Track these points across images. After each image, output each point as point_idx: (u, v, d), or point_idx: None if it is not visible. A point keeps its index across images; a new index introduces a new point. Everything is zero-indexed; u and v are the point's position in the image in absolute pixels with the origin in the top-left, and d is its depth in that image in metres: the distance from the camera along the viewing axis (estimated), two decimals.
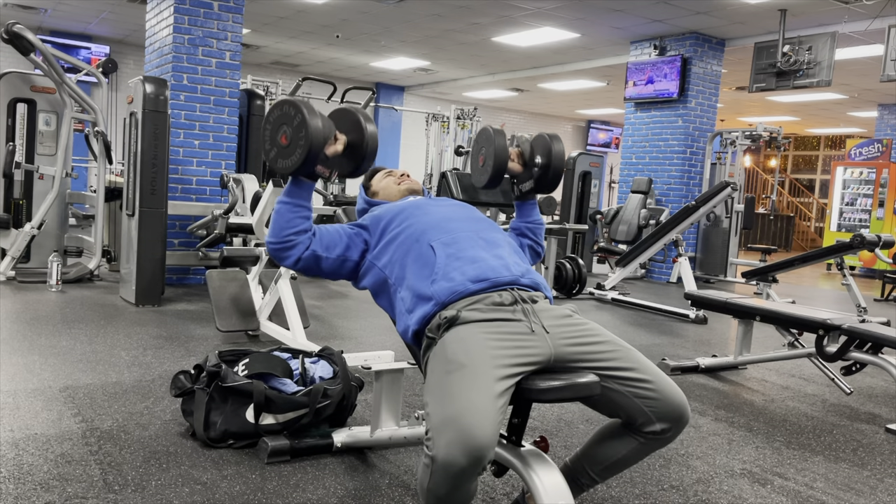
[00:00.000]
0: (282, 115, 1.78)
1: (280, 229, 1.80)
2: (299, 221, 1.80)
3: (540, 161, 2.09)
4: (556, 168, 2.08)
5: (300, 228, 1.80)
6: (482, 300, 1.63)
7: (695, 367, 3.81)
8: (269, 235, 1.83)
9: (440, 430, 1.37)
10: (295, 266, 1.83)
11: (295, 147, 1.74)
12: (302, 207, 1.81)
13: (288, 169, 1.77)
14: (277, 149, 1.79)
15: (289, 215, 1.80)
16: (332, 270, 1.87)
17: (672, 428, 1.58)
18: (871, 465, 2.58)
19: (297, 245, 1.81)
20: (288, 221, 1.80)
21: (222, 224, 4.78)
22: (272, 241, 1.81)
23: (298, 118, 1.72)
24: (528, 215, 2.17)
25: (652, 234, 6.53)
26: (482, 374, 1.44)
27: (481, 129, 2.13)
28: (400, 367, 2.32)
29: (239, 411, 2.35)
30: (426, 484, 1.42)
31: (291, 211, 1.80)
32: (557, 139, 2.11)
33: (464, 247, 1.74)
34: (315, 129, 1.70)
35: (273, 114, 1.80)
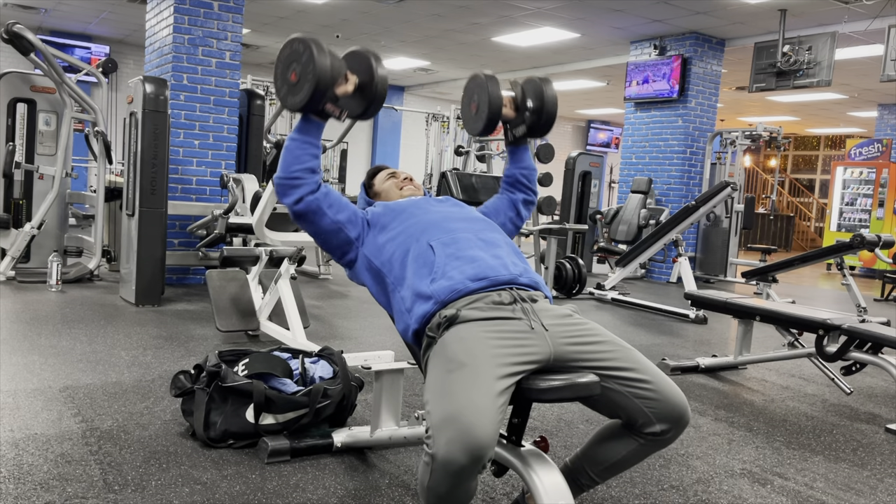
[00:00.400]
0: (292, 52, 1.78)
1: (288, 164, 1.81)
2: (308, 158, 1.82)
3: (532, 105, 2.08)
4: (548, 112, 2.06)
5: (308, 166, 1.81)
6: (482, 299, 1.63)
7: (695, 367, 3.82)
8: (277, 172, 1.84)
9: (440, 428, 1.37)
10: (295, 206, 1.82)
11: (303, 83, 1.75)
12: (311, 145, 1.83)
13: (297, 105, 1.78)
14: (287, 86, 1.80)
15: (297, 151, 1.81)
16: (326, 231, 1.86)
17: (672, 429, 1.58)
18: (871, 465, 2.58)
19: (303, 184, 1.81)
20: (296, 158, 1.81)
21: (222, 224, 4.78)
22: (280, 175, 1.82)
23: (307, 54, 1.73)
24: (520, 160, 2.16)
25: (652, 234, 6.53)
26: (482, 373, 1.44)
27: (472, 76, 2.09)
28: (400, 367, 2.32)
29: (239, 411, 2.35)
30: (426, 482, 1.42)
31: (300, 147, 1.81)
32: (548, 82, 2.10)
33: (463, 246, 1.75)
34: (322, 66, 1.71)
35: (284, 52, 1.81)
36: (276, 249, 3.98)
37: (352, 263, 1.92)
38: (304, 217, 1.84)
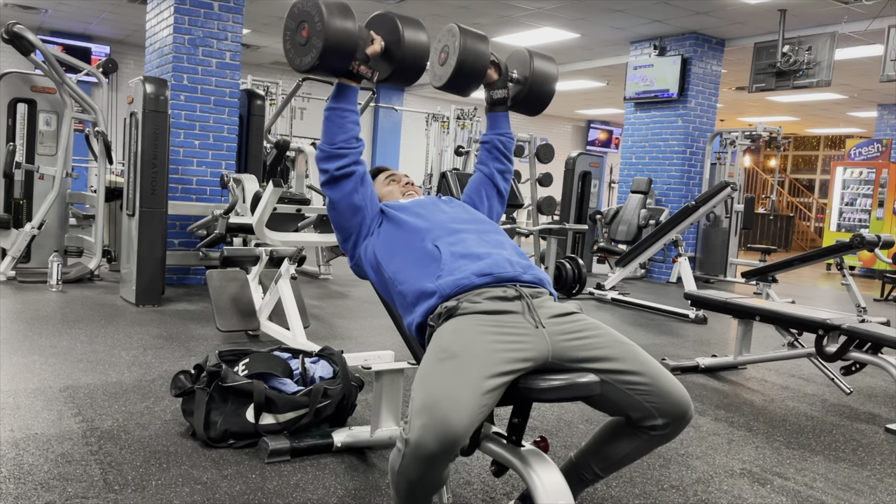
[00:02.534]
0: (302, 11, 1.78)
1: (333, 134, 1.83)
2: (350, 126, 1.84)
3: (515, 75, 2.05)
4: (534, 84, 2.04)
5: (352, 134, 1.84)
6: (484, 293, 1.64)
7: (695, 367, 3.82)
8: (321, 141, 1.85)
9: (417, 413, 1.39)
10: (337, 171, 1.83)
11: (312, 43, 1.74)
12: (351, 112, 1.85)
13: (306, 64, 1.77)
14: (294, 47, 1.80)
15: (339, 120, 1.83)
16: (349, 207, 1.87)
17: (674, 423, 1.58)
18: (871, 465, 2.58)
19: (349, 153, 1.84)
20: (340, 127, 1.83)
21: (222, 224, 4.78)
22: (324, 146, 1.84)
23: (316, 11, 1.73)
24: (497, 126, 2.14)
25: (652, 234, 6.53)
26: (471, 369, 1.45)
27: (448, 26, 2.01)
28: (400, 367, 2.32)
29: (239, 411, 2.35)
30: (397, 467, 1.45)
31: (341, 116, 1.83)
32: (540, 55, 2.06)
33: (468, 245, 1.76)
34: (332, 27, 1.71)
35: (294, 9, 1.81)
36: (277, 249, 3.98)
37: (355, 250, 1.92)
38: (337, 185, 1.85)
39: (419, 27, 1.87)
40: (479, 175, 2.16)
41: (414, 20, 1.88)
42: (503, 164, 2.15)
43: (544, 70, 2.06)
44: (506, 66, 2.07)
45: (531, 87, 2.05)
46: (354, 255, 1.93)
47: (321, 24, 1.71)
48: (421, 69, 1.89)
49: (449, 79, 1.97)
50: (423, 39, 1.86)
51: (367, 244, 1.89)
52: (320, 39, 1.72)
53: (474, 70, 1.97)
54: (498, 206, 2.15)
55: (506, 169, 2.16)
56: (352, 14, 1.76)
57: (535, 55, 2.06)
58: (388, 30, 1.85)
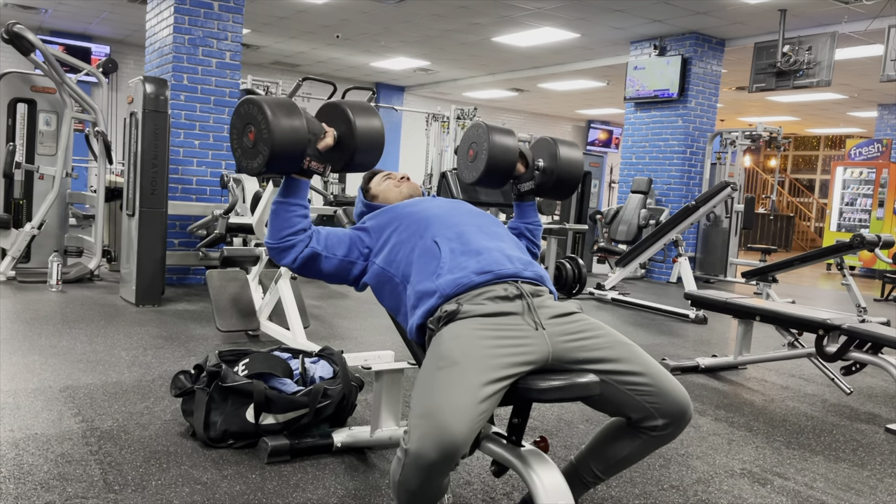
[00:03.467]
0: (247, 114, 1.73)
1: (277, 230, 1.79)
2: (297, 220, 1.80)
3: (542, 164, 2.07)
4: (562, 173, 2.05)
5: (298, 228, 1.80)
6: (485, 293, 1.63)
7: (695, 367, 3.82)
8: (267, 236, 1.83)
9: (416, 422, 1.39)
10: (293, 265, 1.82)
11: (258, 148, 1.69)
12: (298, 206, 1.80)
13: (254, 170, 1.73)
14: (242, 149, 1.76)
15: (285, 215, 1.79)
16: (333, 272, 1.86)
17: (674, 424, 1.58)
18: (871, 465, 2.58)
19: (295, 245, 1.80)
20: (284, 221, 1.79)
21: (222, 224, 4.78)
22: (270, 241, 1.81)
23: (261, 117, 1.67)
24: (525, 216, 2.16)
25: (652, 234, 6.53)
26: (470, 376, 1.44)
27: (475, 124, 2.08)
28: (400, 367, 2.32)
29: (239, 411, 2.35)
30: (397, 477, 1.44)
31: (287, 210, 1.79)
32: (566, 143, 2.08)
33: (467, 241, 1.75)
34: (277, 132, 1.65)
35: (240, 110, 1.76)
36: None
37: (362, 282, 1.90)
38: (307, 269, 1.83)
39: (372, 114, 1.84)
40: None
41: (365, 107, 1.85)
42: (532, 248, 2.17)
43: (569, 158, 2.07)
44: (532, 159, 2.09)
45: (558, 177, 2.06)
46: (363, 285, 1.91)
47: (267, 130, 1.66)
48: (378, 155, 1.85)
49: (480, 176, 2.02)
50: (377, 125, 1.83)
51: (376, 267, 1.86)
52: (267, 146, 1.66)
53: (504, 167, 2.02)
54: None
55: (534, 253, 2.17)
56: (298, 112, 1.70)
57: (560, 143, 2.08)
58: (339, 120, 1.82)
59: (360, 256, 1.87)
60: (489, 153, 1.98)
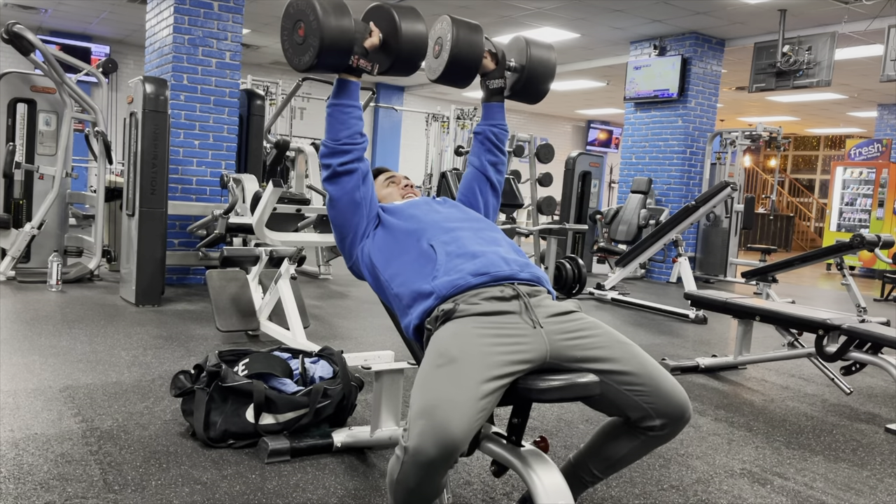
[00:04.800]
0: (297, 11, 1.78)
1: (336, 131, 1.82)
2: (353, 122, 1.83)
3: (513, 63, 2.04)
4: (533, 71, 2.02)
5: (356, 130, 1.83)
6: (481, 294, 1.63)
7: (695, 367, 3.82)
8: (325, 138, 1.84)
9: (415, 420, 1.39)
10: (340, 167, 1.83)
11: (308, 42, 1.74)
12: (353, 107, 1.84)
13: (305, 63, 1.77)
14: (292, 46, 1.80)
15: (341, 116, 1.82)
16: (350, 204, 1.86)
17: (672, 424, 1.58)
18: (871, 465, 2.58)
19: (353, 149, 1.83)
20: (342, 122, 1.82)
21: (222, 224, 4.78)
22: (327, 143, 1.83)
23: (310, 11, 1.72)
24: (492, 116, 2.11)
25: (652, 234, 6.53)
26: (469, 373, 1.44)
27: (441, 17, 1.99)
28: (400, 367, 2.32)
29: (239, 411, 2.35)
30: (395, 475, 1.44)
31: (343, 112, 1.82)
32: (538, 43, 2.04)
33: (463, 244, 1.75)
34: (327, 25, 1.70)
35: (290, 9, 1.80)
36: (276, 249, 3.98)
37: (353, 250, 1.91)
38: (339, 181, 1.84)
39: (416, 17, 1.86)
40: (471, 170, 2.14)
41: (411, 9, 1.87)
42: (496, 156, 2.12)
43: (542, 57, 2.04)
44: (503, 55, 2.05)
45: (529, 76, 2.04)
46: (352, 254, 1.92)
47: (316, 22, 1.71)
48: (420, 59, 1.89)
49: (443, 71, 1.96)
50: (421, 29, 1.85)
51: (364, 246, 1.88)
52: (317, 38, 1.71)
53: (469, 60, 1.95)
54: (493, 200, 2.12)
55: (498, 161, 2.12)
56: (347, 9, 1.76)
57: (533, 43, 2.05)
58: (385, 21, 1.85)
59: (370, 223, 1.89)
60: (453, 45, 1.92)
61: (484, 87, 2.09)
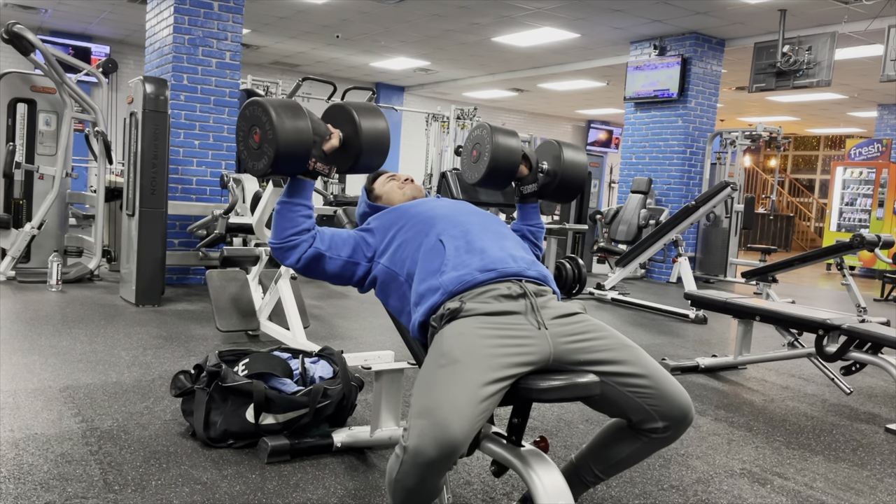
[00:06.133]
0: (252, 116, 1.75)
1: (281, 230, 1.80)
2: (301, 220, 1.80)
3: (545, 167, 2.07)
4: (565, 176, 2.05)
5: (301, 228, 1.80)
6: (489, 291, 1.63)
7: (695, 367, 3.82)
8: (271, 236, 1.83)
9: (416, 419, 1.39)
10: (297, 265, 1.82)
11: (263, 150, 1.71)
12: (302, 206, 1.80)
13: (259, 171, 1.74)
14: (248, 150, 1.77)
15: (289, 215, 1.79)
16: (336, 273, 1.85)
17: (674, 427, 1.58)
18: (871, 465, 2.58)
19: (298, 245, 1.80)
20: (288, 221, 1.79)
21: (222, 224, 4.78)
22: (274, 241, 1.81)
23: (266, 119, 1.69)
24: (528, 218, 2.17)
25: (652, 234, 6.53)
26: (471, 375, 1.44)
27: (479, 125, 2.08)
28: (400, 367, 2.32)
29: (239, 411, 2.35)
30: (394, 474, 1.44)
31: (291, 210, 1.79)
32: (570, 146, 2.08)
33: (472, 239, 1.75)
34: (282, 134, 1.66)
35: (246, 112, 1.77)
36: None
37: (368, 282, 1.90)
38: (311, 270, 1.83)
39: (377, 115, 1.85)
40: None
41: (371, 108, 1.86)
42: (534, 251, 2.17)
43: (574, 161, 2.07)
44: (536, 161, 2.09)
45: (562, 180, 2.07)
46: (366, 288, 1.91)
47: (272, 131, 1.67)
48: (383, 156, 1.86)
49: (483, 177, 2.02)
50: (382, 127, 1.84)
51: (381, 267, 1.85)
52: (272, 147, 1.68)
53: (507, 168, 2.02)
54: None
55: (537, 255, 2.17)
56: (303, 114, 1.72)
57: (565, 146, 2.08)
58: (345, 121, 1.83)
59: (364, 258, 1.86)
60: (492, 154, 1.98)
61: (517, 192, 2.13)
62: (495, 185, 2.08)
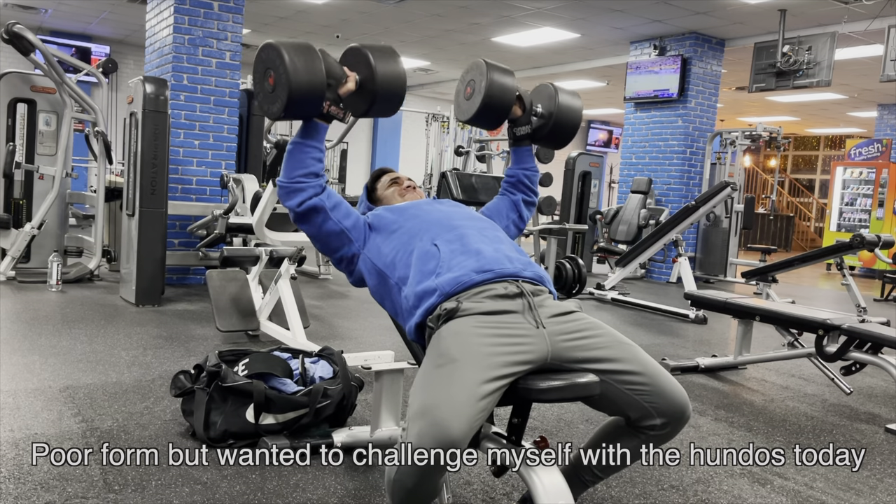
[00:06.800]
0: (267, 59, 1.73)
1: (291, 169, 1.79)
2: (311, 162, 1.80)
3: (539, 109, 2.05)
4: (559, 119, 2.03)
5: (311, 170, 1.80)
6: (485, 292, 1.63)
7: (695, 367, 3.82)
8: (280, 176, 1.82)
9: (414, 419, 1.39)
10: (297, 209, 1.80)
11: (277, 93, 1.70)
12: (314, 148, 1.80)
13: (274, 114, 1.74)
14: (263, 94, 1.76)
15: (300, 156, 1.79)
16: (328, 236, 1.85)
17: (672, 423, 1.58)
18: (871, 465, 2.58)
19: (304, 189, 1.79)
20: (298, 161, 1.79)
21: (222, 224, 4.78)
22: (282, 180, 1.81)
23: (279, 62, 1.67)
24: (522, 162, 2.16)
25: (652, 234, 6.53)
26: (469, 373, 1.44)
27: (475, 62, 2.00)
28: (400, 367, 2.32)
29: (239, 411, 2.35)
30: (393, 474, 1.44)
31: (302, 151, 1.79)
32: (566, 91, 2.05)
33: (467, 242, 1.75)
34: (295, 77, 1.65)
35: (261, 55, 1.76)
36: (276, 249, 3.98)
37: (351, 267, 1.91)
38: (306, 219, 1.82)
39: (393, 57, 1.83)
40: (506, 199, 2.17)
41: (387, 50, 1.84)
42: (529, 196, 2.18)
43: (569, 105, 2.05)
44: (531, 102, 2.07)
45: (555, 123, 2.05)
46: (353, 271, 1.92)
47: (285, 74, 1.66)
48: (399, 101, 1.86)
49: (475, 114, 1.98)
50: (399, 70, 1.83)
51: (363, 257, 1.87)
52: (285, 90, 1.67)
53: (500, 106, 1.98)
54: (514, 230, 2.17)
55: (531, 201, 2.18)
56: (317, 57, 1.70)
57: (561, 91, 2.06)
58: (361, 64, 1.81)
59: (359, 240, 1.87)
60: (486, 91, 1.93)
61: (510, 133, 2.11)
62: (487, 124, 2.03)
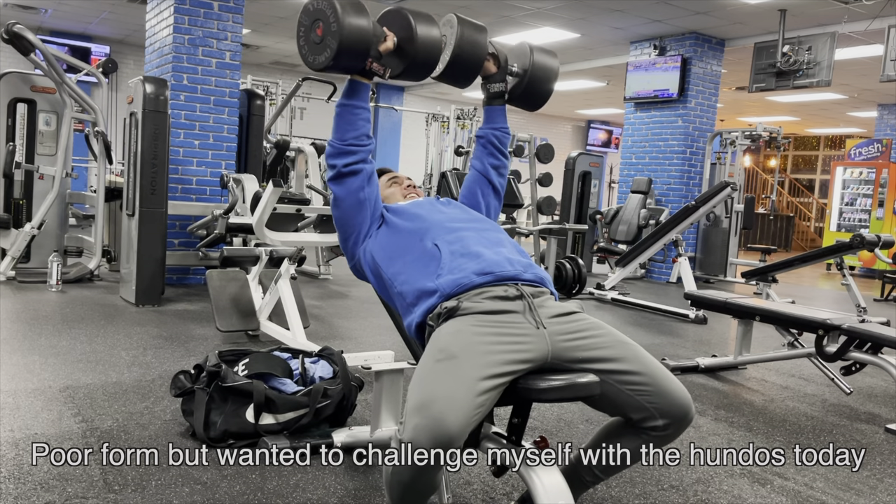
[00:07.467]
0: (316, 9, 1.77)
1: (343, 131, 1.83)
2: (361, 124, 1.84)
3: (515, 68, 2.03)
4: (534, 78, 2.01)
5: (363, 132, 1.84)
6: (485, 293, 1.63)
7: (694, 367, 3.82)
8: (331, 138, 1.85)
9: (412, 413, 1.39)
10: (342, 169, 1.83)
11: (326, 42, 1.73)
12: (362, 109, 1.85)
13: (320, 63, 1.76)
14: (308, 45, 1.79)
15: (350, 117, 1.83)
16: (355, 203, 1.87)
17: (675, 424, 1.57)
18: (871, 465, 2.58)
19: (358, 151, 1.84)
20: (350, 123, 1.83)
21: (222, 224, 4.78)
22: (334, 143, 1.84)
23: (331, 11, 1.71)
24: (493, 120, 2.12)
25: (652, 234, 6.53)
26: (468, 370, 1.44)
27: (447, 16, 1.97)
28: (400, 367, 2.32)
29: (239, 411, 2.35)
30: (391, 469, 1.45)
31: (352, 112, 1.83)
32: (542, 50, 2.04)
33: (468, 244, 1.75)
34: (347, 26, 1.69)
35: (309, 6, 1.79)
36: (276, 249, 3.98)
37: (355, 249, 1.92)
38: (344, 181, 1.85)
39: (432, 22, 1.85)
40: (474, 173, 2.14)
41: (426, 15, 1.86)
42: (498, 160, 2.13)
43: (545, 64, 2.03)
44: (505, 59, 2.04)
45: (530, 81, 2.03)
46: (355, 254, 1.93)
47: (336, 24, 1.70)
48: (433, 64, 1.88)
49: (444, 69, 1.94)
50: (436, 35, 1.85)
51: (367, 245, 1.89)
52: (335, 39, 1.71)
53: (471, 61, 1.94)
54: (495, 202, 2.14)
55: (500, 164, 2.13)
56: (366, 11, 1.75)
57: (536, 49, 2.04)
58: (400, 26, 1.84)
59: (375, 220, 1.90)
60: (456, 44, 1.91)
61: (485, 90, 2.09)
62: (458, 80, 1.99)
